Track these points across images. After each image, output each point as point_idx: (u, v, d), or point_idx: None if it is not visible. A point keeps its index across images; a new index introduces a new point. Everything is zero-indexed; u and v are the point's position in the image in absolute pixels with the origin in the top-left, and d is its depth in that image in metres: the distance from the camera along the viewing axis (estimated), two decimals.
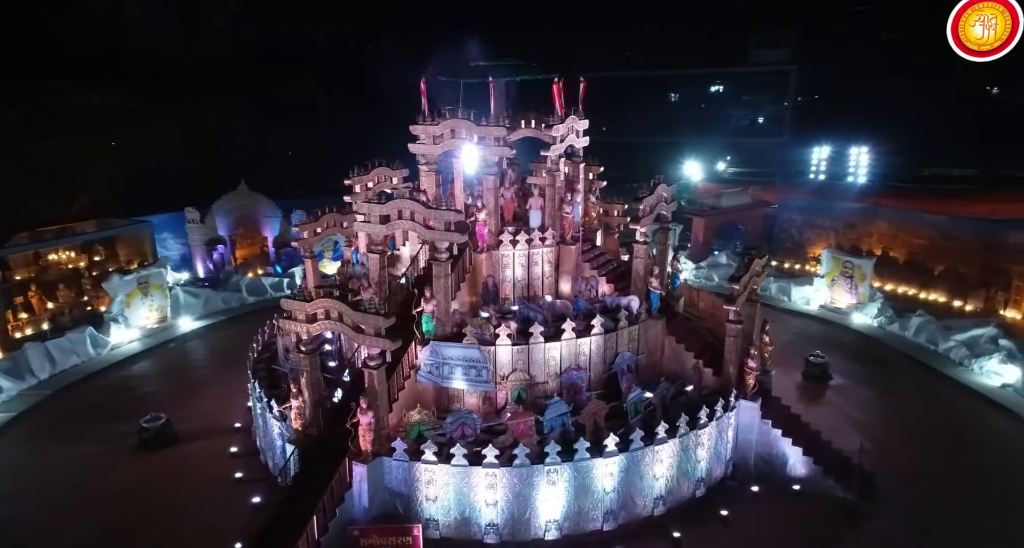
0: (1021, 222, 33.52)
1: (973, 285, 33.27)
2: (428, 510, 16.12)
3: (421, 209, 17.27)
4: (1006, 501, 18.13)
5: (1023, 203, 44.88)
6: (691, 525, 16.78)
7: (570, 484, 15.86)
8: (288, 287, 36.96)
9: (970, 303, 32.89)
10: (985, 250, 32.95)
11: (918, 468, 19.65)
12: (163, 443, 21.12)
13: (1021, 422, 22.55)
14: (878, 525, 17.02)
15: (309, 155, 57.52)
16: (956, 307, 32.81)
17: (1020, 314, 31.08)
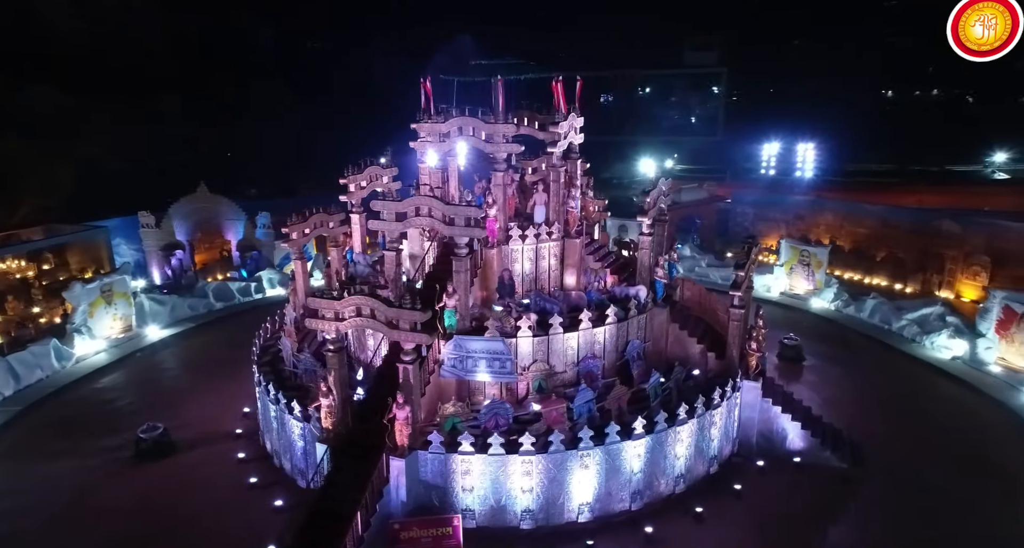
0: (951, 211, 36.73)
1: (912, 269, 36.10)
2: (464, 500, 16.43)
3: (440, 205, 17.51)
4: (969, 457, 20.11)
5: (944, 194, 49.20)
6: (709, 500, 17.76)
7: (601, 467, 16.53)
8: (256, 291, 36.17)
9: (910, 286, 35.69)
10: (921, 237, 35.83)
11: (892, 435, 21.40)
12: (162, 453, 20.47)
13: (972, 389, 24.84)
14: (872, 489, 18.49)
15: (256, 155, 56.09)
16: (897, 290, 35.52)
17: (953, 294, 33.97)
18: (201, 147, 53.79)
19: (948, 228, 34.82)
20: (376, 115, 68.61)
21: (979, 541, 16.55)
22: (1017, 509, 17.83)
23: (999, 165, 57.15)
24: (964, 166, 59.43)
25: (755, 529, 16.76)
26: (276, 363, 21.16)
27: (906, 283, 35.95)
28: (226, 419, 22.76)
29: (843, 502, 17.97)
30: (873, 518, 17.23)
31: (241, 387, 25.00)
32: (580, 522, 16.76)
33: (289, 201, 44.35)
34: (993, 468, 19.66)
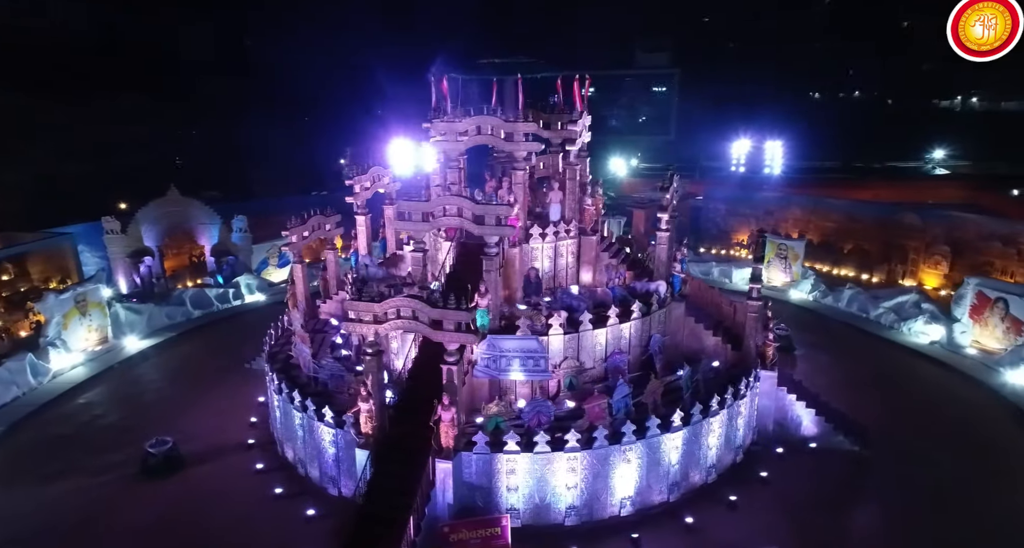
0: (911, 205, 38.80)
1: (877, 260, 37.88)
2: (508, 500, 16.40)
3: (470, 205, 17.40)
4: (962, 435, 21.35)
5: (895, 189, 51.89)
6: (740, 488, 18.27)
7: (642, 460, 16.78)
8: (234, 298, 34.96)
9: (876, 276, 37.44)
10: (885, 230, 37.64)
11: (889, 417, 22.43)
12: (172, 468, 19.63)
13: (952, 371, 26.32)
14: (884, 470, 19.37)
15: (213, 157, 54.35)
16: (864, 280, 37.20)
17: (916, 283, 35.85)
18: (156, 149, 51.78)
19: (910, 221, 36.68)
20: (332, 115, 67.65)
21: (988, 515, 17.54)
22: (1013, 481, 19.00)
23: (938, 161, 60.50)
24: (904, 162, 62.68)
25: (786, 514, 17.30)
26: (289, 370, 20.53)
27: (872, 273, 37.67)
28: (232, 430, 21.97)
29: (862, 483, 18.76)
30: (893, 497, 18.06)
31: (238, 397, 24.28)
32: (622, 516, 16.96)
33: (259, 203, 43.27)
34: (984, 444, 20.92)
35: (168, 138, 51.39)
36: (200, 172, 52.72)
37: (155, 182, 37.00)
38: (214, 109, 53.32)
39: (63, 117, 43.31)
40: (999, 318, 27.24)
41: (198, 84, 53.93)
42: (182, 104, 53.90)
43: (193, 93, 53.21)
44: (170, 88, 53.76)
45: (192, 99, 53.91)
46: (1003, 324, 27.11)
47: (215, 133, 51.01)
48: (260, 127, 55.69)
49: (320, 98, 61.17)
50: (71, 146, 44.39)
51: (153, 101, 52.89)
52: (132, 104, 52.05)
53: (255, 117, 56.02)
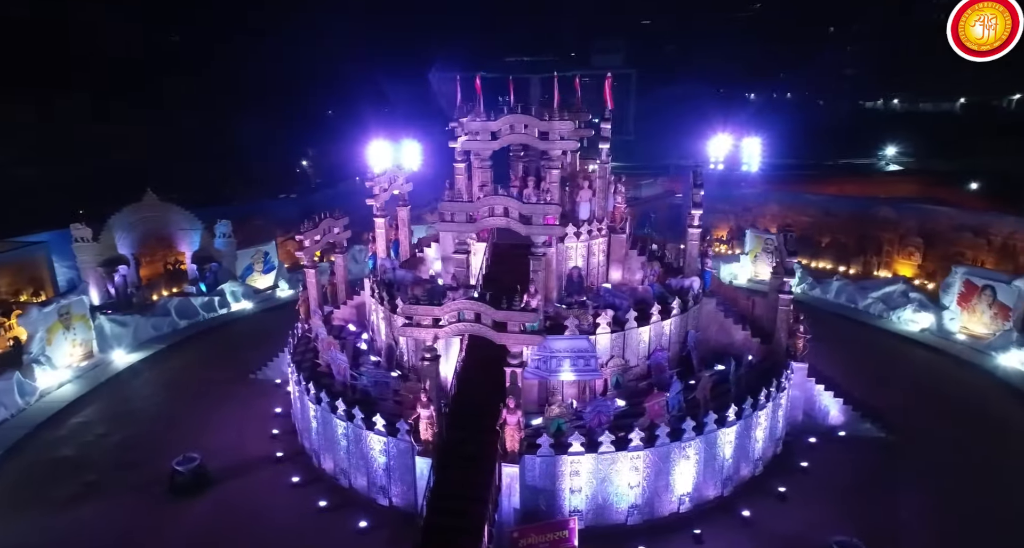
0: (884, 199, 40.45)
1: (854, 252, 39.33)
2: (571, 502, 16.24)
3: (516, 205, 17.17)
4: (973, 416, 22.41)
5: (858, 184, 54.00)
6: (785, 479, 18.62)
7: (700, 456, 16.89)
8: (220, 306, 33.58)
9: (852, 267, 38.89)
10: (860, 223, 39.10)
11: (901, 402, 23.23)
12: (202, 486, 18.69)
13: (947, 356, 27.58)
14: (913, 453, 20.07)
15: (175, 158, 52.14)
16: (842, 271, 38.60)
17: (891, 273, 37.39)
18: (114, 151, 49.28)
19: (885, 214, 38.23)
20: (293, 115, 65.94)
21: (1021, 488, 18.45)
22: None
23: (890, 158, 63.33)
24: (858, 159, 65.31)
25: (835, 502, 17.70)
26: (319, 378, 19.80)
27: (849, 265, 39.10)
28: (254, 443, 21.09)
29: (897, 468, 19.37)
30: (931, 479, 18.70)
31: (251, 409, 23.38)
32: (681, 512, 17.04)
33: (240, 207, 41.75)
34: (996, 424, 22.03)
35: (127, 138, 48.90)
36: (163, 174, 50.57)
37: (118, 185, 35.24)
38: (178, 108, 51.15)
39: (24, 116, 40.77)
40: (986, 305, 28.64)
41: (159, 83, 51.59)
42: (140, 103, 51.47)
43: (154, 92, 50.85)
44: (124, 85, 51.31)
45: (153, 98, 51.54)
46: (990, 310, 28.51)
47: (180, 133, 48.84)
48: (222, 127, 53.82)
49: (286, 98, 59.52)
50: (25, 148, 41.81)
51: (107, 99, 50.35)
52: (83, 102, 49.49)
53: (217, 116, 54.12)
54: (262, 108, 61.34)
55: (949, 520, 16.98)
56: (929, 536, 16.43)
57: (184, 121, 54.27)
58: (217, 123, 56.86)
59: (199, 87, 57.77)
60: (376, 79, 58.47)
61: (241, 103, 59.59)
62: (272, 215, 41.89)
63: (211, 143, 55.62)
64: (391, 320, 20.09)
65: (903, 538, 16.21)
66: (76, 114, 46.98)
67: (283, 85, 61.53)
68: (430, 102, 79.72)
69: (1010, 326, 27.64)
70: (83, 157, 47.05)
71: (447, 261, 22.42)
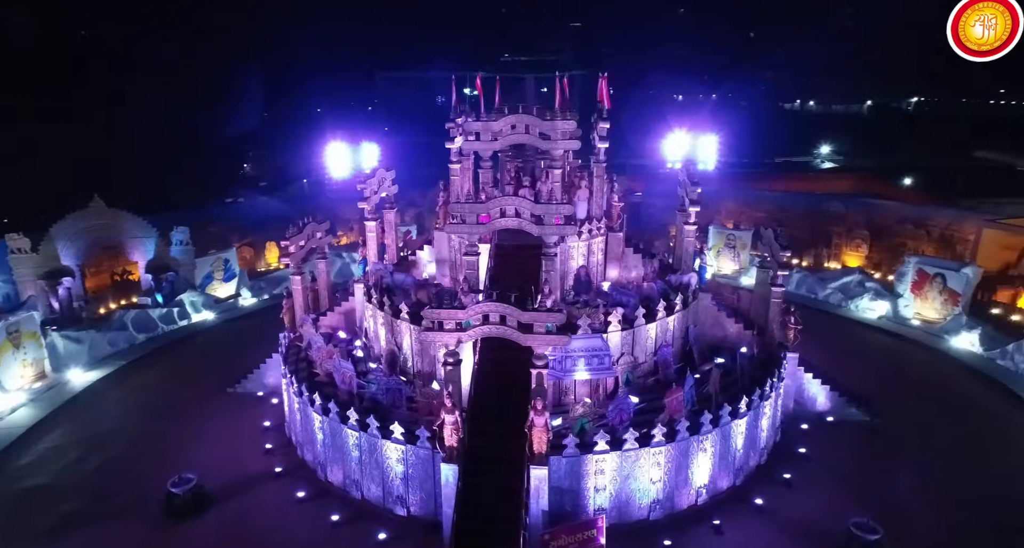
0: (833, 196, 42.54)
1: (805, 245, 41.17)
2: (596, 500, 16.29)
3: (529, 205, 17.09)
4: (941, 394, 24.03)
5: (803, 181, 56.57)
6: (788, 466, 19.23)
7: (716, 448, 17.26)
8: (180, 318, 31.92)
9: (804, 260, 40.70)
10: (811, 218, 40.99)
11: (875, 385, 24.36)
12: (201, 507, 17.75)
13: (904, 340, 29.16)
14: (899, 435, 21.15)
15: (113, 161, 49.37)
16: (795, 264, 40.31)
17: (840, 264, 39.35)
18: (43, 155, 46.20)
19: (835, 209, 40.20)
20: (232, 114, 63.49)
21: (1006, 462, 19.94)
22: (1007, 434, 21.47)
23: (825, 156, 66.73)
24: (795, 158, 68.46)
25: (838, 487, 18.40)
26: (322, 388, 19.06)
27: (801, 258, 40.88)
28: (249, 459, 20.18)
29: (890, 449, 20.31)
30: (924, 459, 19.67)
31: (236, 424, 22.41)
32: (699, 505, 17.36)
33: (192, 213, 39.85)
34: (965, 403, 23.51)
35: (61, 142, 45.88)
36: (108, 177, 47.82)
37: (49, 192, 33.06)
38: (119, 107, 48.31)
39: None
40: (937, 292, 30.48)
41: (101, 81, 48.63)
42: (70, 103, 48.38)
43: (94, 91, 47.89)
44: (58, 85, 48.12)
45: (88, 97, 48.53)
46: (941, 297, 30.35)
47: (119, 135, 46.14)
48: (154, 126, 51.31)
49: (225, 95, 57.24)
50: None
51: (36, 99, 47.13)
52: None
53: (150, 114, 51.56)
54: (198, 106, 58.92)
55: (944, 496, 17.98)
56: (930, 513, 17.32)
57: (115, 119, 51.33)
58: (150, 121, 54.14)
59: (128, 83, 54.83)
60: (324, 80, 57.04)
61: (175, 100, 57.04)
62: (227, 220, 40.26)
63: (147, 142, 52.96)
64: (393, 325, 19.62)
65: (908, 517, 16.99)
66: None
67: (222, 82, 59.14)
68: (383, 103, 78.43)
69: (959, 311, 29.52)
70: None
71: (442, 263, 22.12)
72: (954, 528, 16.82)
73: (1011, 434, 21.65)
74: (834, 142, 67.82)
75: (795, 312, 21.04)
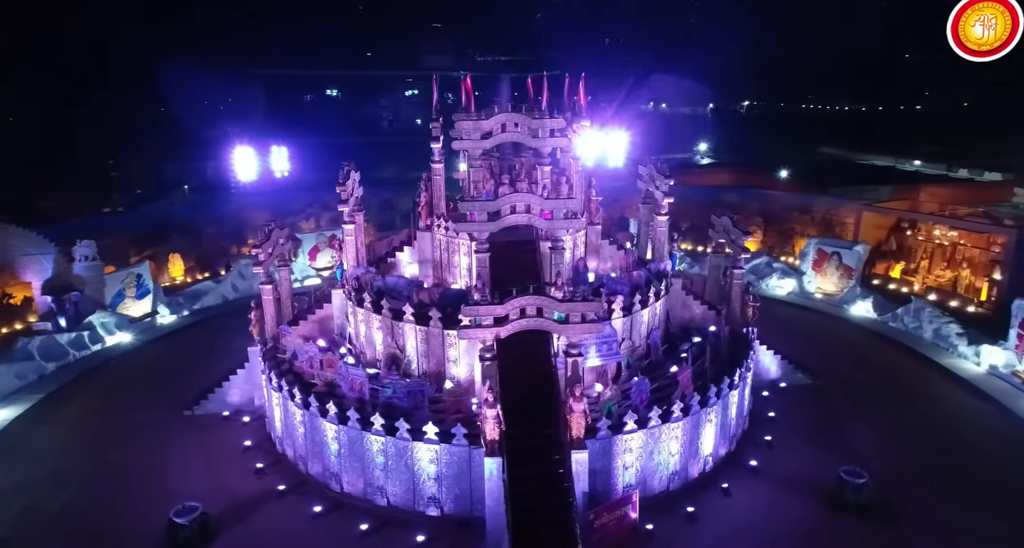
0: (727, 188, 46.57)
1: (706, 234, 44.74)
2: (624, 478, 17.16)
3: (538, 201, 17.62)
4: (848, 350, 27.67)
5: (693, 176, 60.79)
6: (764, 430, 21.23)
7: (719, 419, 18.74)
8: (92, 342, 28.81)
9: (707, 247, 44.21)
10: (712, 208, 44.45)
11: (802, 353, 27.13)
12: (209, 536, 16.57)
13: (811, 311, 32.89)
14: (842, 393, 23.93)
15: None
16: (700, 251, 43.78)
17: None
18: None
19: (732, 199, 44.06)
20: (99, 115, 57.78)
21: (929, 400, 23.52)
22: (913, 383, 25.09)
23: (703, 152, 72.44)
24: (674, 155, 73.57)
25: (810, 443, 20.59)
26: (320, 397, 18.34)
27: (705, 246, 44.38)
28: (241, 481, 19.03)
29: (841, 407, 22.95)
30: (871, 411, 22.61)
31: (209, 447, 20.97)
32: (707, 472, 18.76)
33: (82, 224, 36.04)
34: (875, 359, 27.15)
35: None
36: None
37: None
38: None
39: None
40: (835, 268, 34.54)
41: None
42: None
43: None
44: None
45: None
46: (838, 272, 34.44)
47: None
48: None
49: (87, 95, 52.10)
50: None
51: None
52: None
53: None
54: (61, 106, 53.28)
55: (894, 439, 20.84)
56: (886, 455, 19.89)
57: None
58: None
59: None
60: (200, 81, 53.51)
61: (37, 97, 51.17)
62: (121, 232, 36.87)
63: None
64: (394, 328, 19.29)
65: (871, 460, 19.25)
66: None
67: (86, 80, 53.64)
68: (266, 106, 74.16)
69: (854, 283, 33.70)
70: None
71: (425, 264, 22.00)
72: (912, 464, 19.52)
73: (921, 382, 25.35)
74: (706, 140, 73.53)
75: (753, 291, 23.10)
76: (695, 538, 16.57)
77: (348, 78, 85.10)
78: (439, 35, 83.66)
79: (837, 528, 17.01)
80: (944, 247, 35.87)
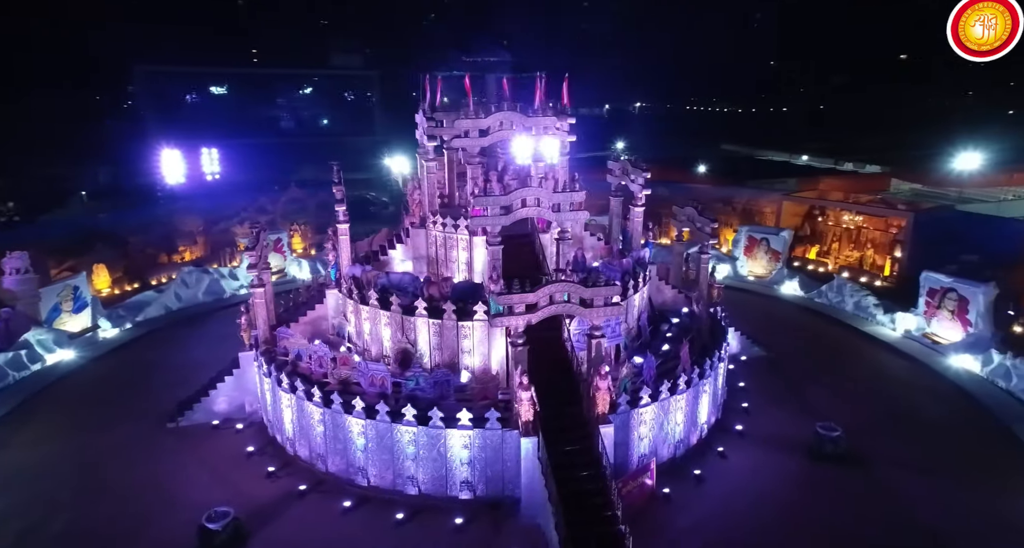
0: (653, 182, 49.18)
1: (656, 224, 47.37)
2: (639, 449, 18.51)
3: (547, 194, 18.62)
4: (789, 325, 30.77)
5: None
6: (740, 398, 23.28)
7: (711, 390, 20.51)
8: (32, 361, 26.83)
9: (643, 238, 46.82)
10: (654, 202, 47.30)
11: (748, 328, 29.75)
12: (242, 540, 16.42)
13: (748, 293, 35.60)
14: (791, 363, 26.53)
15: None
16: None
17: (670, 240, 46.05)
18: None
19: (661, 193, 46.75)
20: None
21: (870, 366, 26.46)
22: (848, 350, 28.15)
23: (621, 150, 75.81)
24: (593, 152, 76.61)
25: (781, 407, 22.83)
26: (344, 397, 18.44)
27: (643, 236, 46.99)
28: (255, 486, 18.80)
29: (798, 375, 25.40)
30: (827, 377, 25.19)
31: (205, 458, 20.46)
32: (703, 439, 20.48)
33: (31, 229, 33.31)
34: (816, 331, 30.30)
35: None
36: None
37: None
38: None
39: None
40: (764, 252, 37.77)
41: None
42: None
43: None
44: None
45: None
46: (767, 256, 37.69)
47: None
48: None
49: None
50: None
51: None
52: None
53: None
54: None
55: (850, 401, 23.44)
56: (845, 414, 22.21)
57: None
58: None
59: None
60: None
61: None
62: (36, 243, 34.10)
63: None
64: (404, 323, 19.63)
65: (836, 418, 21.63)
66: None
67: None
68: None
69: (781, 265, 37.04)
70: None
71: (419, 261, 22.40)
72: (872, 421, 22.14)
73: (853, 348, 28.50)
74: (615, 139, 76.90)
75: (714, 274, 25.18)
76: (707, 497, 18.19)
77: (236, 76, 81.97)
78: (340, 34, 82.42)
79: (820, 476, 19.21)
80: (850, 230, 40.04)
